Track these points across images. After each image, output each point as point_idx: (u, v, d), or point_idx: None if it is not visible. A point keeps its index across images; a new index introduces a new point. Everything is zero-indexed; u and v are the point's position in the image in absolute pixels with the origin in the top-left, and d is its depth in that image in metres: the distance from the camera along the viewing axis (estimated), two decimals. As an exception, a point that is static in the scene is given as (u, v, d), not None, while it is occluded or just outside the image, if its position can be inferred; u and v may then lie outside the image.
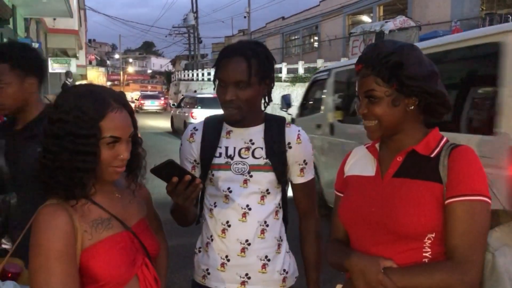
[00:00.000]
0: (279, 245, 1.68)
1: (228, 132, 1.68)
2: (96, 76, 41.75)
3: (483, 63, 3.29)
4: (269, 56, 1.65)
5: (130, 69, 73.19)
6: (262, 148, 1.64)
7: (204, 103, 15.43)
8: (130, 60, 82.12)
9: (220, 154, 1.66)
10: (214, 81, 1.65)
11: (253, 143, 1.65)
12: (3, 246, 1.75)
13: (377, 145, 1.41)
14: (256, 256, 1.63)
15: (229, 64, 1.57)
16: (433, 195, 1.22)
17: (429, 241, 1.23)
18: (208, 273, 1.67)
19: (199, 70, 34.08)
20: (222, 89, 1.59)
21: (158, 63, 79.52)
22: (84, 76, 30.86)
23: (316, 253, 1.74)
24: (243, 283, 1.63)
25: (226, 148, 1.66)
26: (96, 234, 1.23)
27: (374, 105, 1.28)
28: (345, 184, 1.47)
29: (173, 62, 61.26)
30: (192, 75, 34.77)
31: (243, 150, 1.65)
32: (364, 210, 1.32)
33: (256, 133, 1.67)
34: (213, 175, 1.65)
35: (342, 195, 1.47)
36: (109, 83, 52.80)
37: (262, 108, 1.70)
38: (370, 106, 1.29)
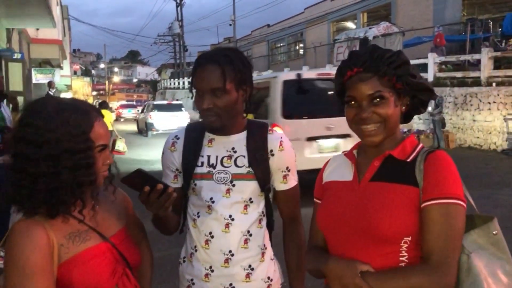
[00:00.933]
0: (263, 253, 1.67)
1: (210, 141, 1.67)
2: (81, 86, 41.45)
3: (267, 89, 7.57)
4: (245, 61, 1.62)
5: (116, 79, 72.63)
6: (244, 157, 1.63)
7: (159, 108, 21.47)
8: (116, 69, 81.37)
9: (202, 163, 1.65)
10: (190, 90, 1.63)
11: (235, 151, 1.64)
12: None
13: (355, 152, 1.42)
14: (240, 266, 1.62)
15: (204, 72, 1.55)
16: (409, 198, 1.23)
17: (406, 245, 1.23)
18: (193, 283, 1.66)
19: (185, 78, 34.05)
20: (199, 98, 1.57)
21: (144, 72, 79.09)
22: (69, 87, 30.57)
23: (299, 260, 1.73)
24: None
25: (208, 157, 1.65)
26: (73, 247, 1.22)
27: (381, 106, 1.27)
28: (323, 191, 1.47)
29: (159, 70, 61.06)
30: (178, 83, 34.70)
31: (225, 159, 1.64)
32: (341, 214, 1.32)
33: (238, 141, 1.65)
34: (195, 184, 1.64)
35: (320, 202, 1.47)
36: (94, 93, 52.52)
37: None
38: (375, 108, 1.28)
